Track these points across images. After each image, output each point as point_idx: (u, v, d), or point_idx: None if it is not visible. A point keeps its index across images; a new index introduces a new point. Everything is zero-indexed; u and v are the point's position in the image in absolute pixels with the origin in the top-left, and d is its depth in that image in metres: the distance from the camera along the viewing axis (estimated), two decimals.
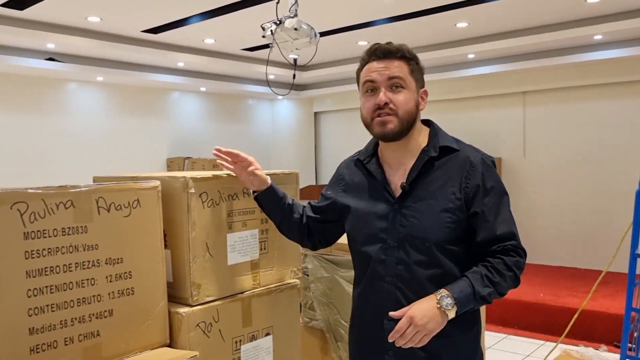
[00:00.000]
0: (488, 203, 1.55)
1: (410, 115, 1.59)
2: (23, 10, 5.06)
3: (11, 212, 1.26)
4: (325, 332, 2.59)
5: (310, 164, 9.92)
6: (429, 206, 1.56)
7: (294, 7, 3.61)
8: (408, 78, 1.60)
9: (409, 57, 1.61)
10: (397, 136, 1.60)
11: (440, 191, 1.57)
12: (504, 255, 1.54)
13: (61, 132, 7.12)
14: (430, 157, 1.60)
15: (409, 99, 1.59)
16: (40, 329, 1.30)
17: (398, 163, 1.65)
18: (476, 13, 5.48)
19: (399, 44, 1.62)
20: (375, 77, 1.59)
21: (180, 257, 1.62)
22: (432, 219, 1.55)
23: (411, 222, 1.57)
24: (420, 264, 1.55)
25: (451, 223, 1.54)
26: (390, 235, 1.59)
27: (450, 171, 1.59)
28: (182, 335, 1.57)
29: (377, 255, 1.60)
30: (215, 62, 7.19)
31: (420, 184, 1.59)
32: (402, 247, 1.57)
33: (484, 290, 1.49)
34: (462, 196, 1.55)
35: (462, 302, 1.48)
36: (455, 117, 7.85)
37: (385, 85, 1.58)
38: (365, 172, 1.71)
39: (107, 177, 1.73)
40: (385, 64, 1.59)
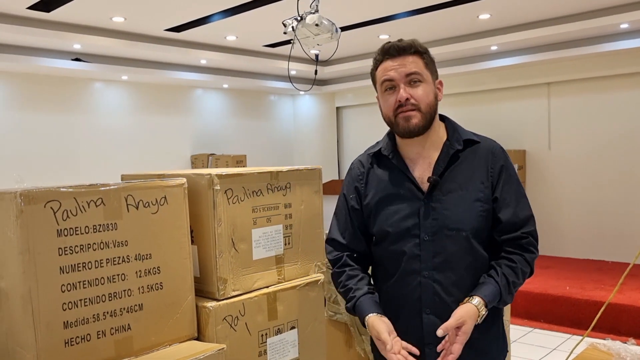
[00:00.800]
0: (509, 189, 1.62)
1: (431, 108, 1.63)
2: (50, 12, 5.17)
3: (45, 210, 1.30)
4: (349, 325, 2.62)
5: (332, 158, 9.94)
6: (460, 197, 1.61)
7: (315, 3, 3.63)
8: (424, 72, 1.63)
9: (421, 51, 1.65)
10: (422, 130, 1.63)
11: (469, 182, 1.62)
12: (525, 252, 1.61)
13: (87, 130, 7.26)
14: (455, 150, 1.64)
15: (428, 91, 1.63)
16: (74, 323, 1.35)
17: (420, 157, 1.67)
18: (498, 4, 5.42)
19: (409, 40, 1.66)
20: (393, 75, 1.62)
21: (207, 252, 1.66)
22: (466, 209, 1.60)
23: (444, 214, 1.60)
24: (457, 255, 1.59)
25: (483, 211, 1.60)
26: (423, 230, 1.62)
27: (475, 162, 1.64)
28: (210, 329, 1.60)
29: (411, 251, 1.63)
30: (237, 58, 7.25)
31: (447, 176, 1.63)
32: (438, 240, 1.60)
33: (507, 297, 1.58)
34: (489, 184, 1.62)
35: (489, 305, 1.56)
36: (479, 110, 7.79)
37: (404, 82, 1.61)
38: (388, 168, 1.73)
39: (135, 175, 1.78)
40: (401, 61, 1.62)
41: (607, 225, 6.85)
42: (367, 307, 1.68)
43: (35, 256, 1.28)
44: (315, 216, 1.93)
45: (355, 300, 1.72)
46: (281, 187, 1.82)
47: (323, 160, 9.47)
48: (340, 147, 10.16)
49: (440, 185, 1.62)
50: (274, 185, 1.79)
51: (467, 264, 1.60)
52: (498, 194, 1.61)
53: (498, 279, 1.56)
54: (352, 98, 9.68)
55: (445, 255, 1.60)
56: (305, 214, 1.89)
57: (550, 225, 6.96)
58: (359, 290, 1.73)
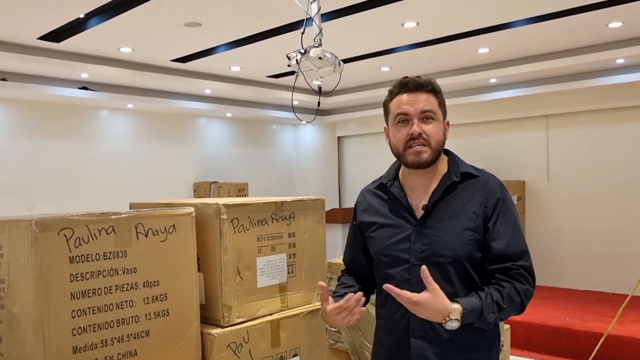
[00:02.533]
0: (504, 222, 1.65)
1: (440, 145, 1.71)
2: (59, 42, 5.29)
3: (58, 237, 1.35)
4: (350, 354, 2.64)
5: (333, 187, 9.99)
6: (451, 225, 1.66)
7: (318, 37, 3.72)
8: (437, 110, 1.70)
9: (436, 91, 1.71)
10: (430, 164, 1.70)
11: (461, 211, 1.67)
12: (516, 281, 1.61)
13: (93, 157, 7.34)
14: (452, 181, 1.70)
15: (439, 129, 1.70)
16: (83, 348, 1.38)
17: (421, 187, 1.74)
18: (497, 39, 5.55)
19: (427, 78, 1.72)
20: (408, 109, 1.68)
21: (213, 280, 1.69)
22: (454, 237, 1.64)
23: (434, 240, 1.66)
24: (445, 281, 1.63)
25: (473, 241, 1.64)
26: (413, 255, 1.67)
27: (471, 193, 1.69)
28: (214, 356, 1.63)
29: (402, 276, 1.68)
30: (240, 88, 7.37)
31: (441, 205, 1.69)
32: (426, 265, 1.61)
33: (490, 316, 1.57)
34: (481, 215, 1.65)
35: (465, 321, 1.55)
36: (478, 141, 7.88)
37: (417, 117, 1.68)
38: (386, 196, 1.80)
39: (144, 204, 1.83)
40: (416, 97, 1.69)
41: (606, 257, 6.86)
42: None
43: (48, 282, 1.32)
44: (319, 245, 1.98)
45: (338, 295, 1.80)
46: (285, 217, 1.87)
47: (324, 189, 9.52)
48: (342, 176, 10.23)
49: (434, 213, 1.68)
50: (279, 215, 1.84)
51: (453, 291, 1.62)
52: (491, 225, 1.64)
53: (482, 295, 1.58)
54: (354, 128, 9.78)
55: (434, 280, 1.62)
56: (308, 243, 1.94)
57: (549, 255, 6.98)
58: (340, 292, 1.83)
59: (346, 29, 5.11)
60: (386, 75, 7.20)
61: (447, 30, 5.32)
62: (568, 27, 5.17)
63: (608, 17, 4.91)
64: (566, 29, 5.26)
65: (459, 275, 1.64)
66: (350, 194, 10.05)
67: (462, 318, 1.53)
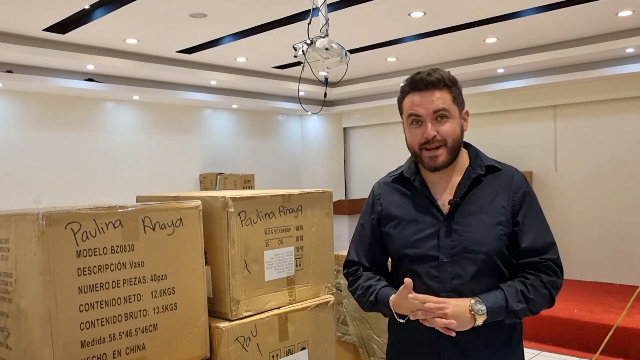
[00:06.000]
0: (530, 215, 1.63)
1: (457, 142, 1.66)
2: (65, 34, 5.27)
3: (66, 231, 1.34)
4: (358, 347, 2.63)
5: (339, 178, 9.98)
6: (480, 220, 1.62)
7: (324, 27, 3.69)
8: (451, 107, 1.64)
9: (450, 85, 1.65)
10: (447, 165, 1.66)
11: (489, 206, 1.63)
12: (542, 273, 1.59)
13: (99, 148, 7.35)
14: (478, 175, 1.66)
15: (454, 126, 1.65)
16: (91, 342, 1.37)
17: (443, 182, 1.70)
18: (505, 28, 5.49)
19: (439, 73, 1.65)
20: (420, 111, 1.64)
21: (220, 273, 1.68)
22: (485, 232, 1.60)
23: (464, 236, 1.62)
24: (475, 276, 1.60)
25: (503, 236, 1.61)
26: (443, 252, 1.63)
27: (497, 187, 1.65)
28: (222, 349, 1.62)
29: (430, 273, 1.64)
30: (246, 79, 7.34)
31: (468, 200, 1.65)
32: (457, 262, 1.61)
33: (517, 305, 1.54)
34: (510, 208, 1.62)
35: (494, 312, 1.53)
36: (486, 131, 7.83)
37: (430, 118, 1.63)
38: (408, 191, 1.75)
39: (150, 197, 1.82)
40: (428, 97, 1.63)
41: (614, 248, 6.83)
42: (389, 292, 1.69)
43: (55, 276, 1.31)
44: (326, 238, 1.96)
45: (376, 292, 1.72)
46: (293, 210, 1.85)
47: (330, 180, 9.51)
48: (347, 167, 10.20)
49: (461, 208, 1.64)
50: (286, 207, 1.83)
51: (484, 286, 1.59)
52: (520, 218, 1.61)
53: (505, 287, 1.57)
54: (360, 119, 9.75)
55: (463, 277, 1.60)
56: (316, 236, 1.92)
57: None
58: (378, 285, 1.74)
59: (353, 19, 5.08)
60: (393, 66, 7.16)
61: (454, 20, 5.28)
62: (577, 16, 5.12)
63: (618, 5, 4.84)
64: (575, 18, 5.20)
65: (491, 270, 1.61)
66: (356, 185, 10.03)
67: (486, 306, 1.52)
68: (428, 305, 1.53)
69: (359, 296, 1.81)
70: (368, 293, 1.75)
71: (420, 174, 1.75)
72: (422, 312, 1.54)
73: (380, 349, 2.51)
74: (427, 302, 1.54)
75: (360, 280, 1.80)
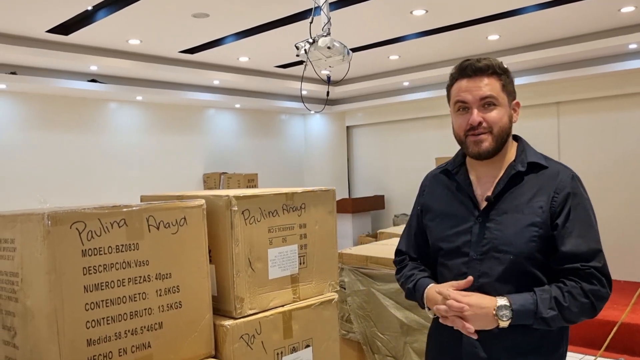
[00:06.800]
0: (575, 218, 1.54)
1: (504, 131, 1.60)
2: (68, 35, 5.29)
3: (71, 231, 1.34)
4: (362, 344, 2.64)
5: (343, 177, 9.98)
6: (514, 220, 1.56)
7: (326, 26, 3.70)
8: (500, 95, 1.59)
9: (499, 73, 1.60)
10: (492, 153, 1.61)
11: (526, 205, 1.56)
12: (583, 281, 1.51)
13: (103, 149, 7.37)
14: (517, 171, 1.60)
15: (502, 115, 1.59)
16: (97, 341, 1.38)
17: (486, 176, 1.66)
18: (507, 25, 5.49)
19: (489, 60, 1.61)
20: (467, 97, 1.60)
21: (224, 272, 1.69)
22: (517, 233, 1.54)
23: (495, 234, 1.57)
24: (502, 277, 1.55)
25: (537, 238, 1.53)
26: (473, 249, 1.60)
27: (538, 186, 1.58)
28: (227, 347, 1.63)
29: (459, 269, 1.62)
30: (249, 79, 7.35)
31: (506, 197, 1.60)
32: (485, 260, 1.58)
33: (547, 312, 1.47)
34: (548, 210, 1.54)
35: (519, 316, 1.48)
36: None
37: (477, 105, 1.59)
38: (451, 183, 1.73)
39: (154, 196, 1.83)
40: (476, 83, 1.59)
41: (618, 244, 6.82)
42: (427, 282, 1.70)
43: (61, 276, 1.32)
44: (330, 236, 1.97)
45: (415, 281, 1.74)
46: (296, 208, 1.86)
47: (333, 179, 9.52)
48: (351, 166, 10.21)
49: (498, 205, 1.59)
50: (290, 206, 1.84)
51: (510, 288, 1.54)
52: (560, 221, 1.53)
53: (538, 291, 1.49)
54: (362, 117, 9.75)
55: (490, 276, 1.56)
56: (319, 234, 1.93)
57: None
58: (419, 275, 1.76)
59: (354, 17, 5.08)
60: (395, 64, 7.16)
61: (457, 18, 5.27)
62: (579, 12, 5.11)
63: (620, 1, 4.83)
64: (577, 15, 5.19)
65: (519, 272, 1.54)
66: (360, 184, 10.04)
67: (512, 308, 1.47)
68: (449, 302, 1.52)
69: (402, 284, 1.83)
70: (408, 281, 1.77)
71: (465, 167, 1.71)
72: (444, 308, 1.54)
73: (385, 346, 2.52)
74: (450, 300, 1.53)
75: (405, 270, 1.83)
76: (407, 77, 7.47)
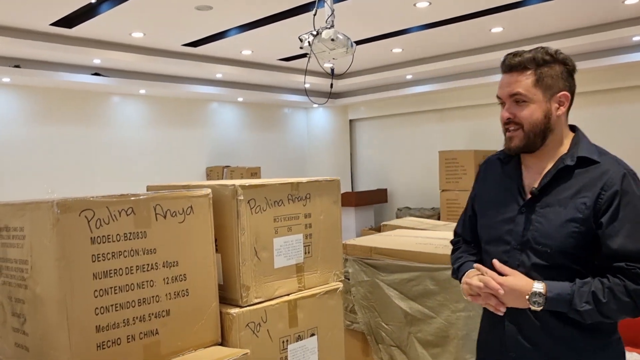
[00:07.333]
0: (623, 218, 1.50)
1: (536, 127, 1.59)
2: (71, 28, 5.30)
3: (80, 219, 1.36)
4: (366, 334, 2.66)
5: (346, 171, 9.99)
6: (555, 214, 1.56)
7: (330, 18, 3.70)
8: (531, 91, 1.58)
9: (533, 67, 1.59)
10: (522, 150, 1.63)
11: (570, 200, 1.55)
12: (629, 280, 1.47)
13: (106, 142, 7.40)
14: (565, 165, 1.59)
15: (534, 111, 1.58)
16: (106, 327, 1.40)
17: (537, 167, 1.66)
18: (511, 18, 5.48)
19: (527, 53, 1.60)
20: (500, 93, 1.64)
21: (230, 260, 1.71)
22: (557, 227, 1.55)
23: (536, 227, 1.58)
24: (538, 268, 1.57)
25: (577, 234, 1.52)
26: (514, 238, 1.63)
27: (586, 181, 1.55)
28: (233, 335, 1.65)
29: (500, 257, 1.64)
30: (252, 72, 7.36)
31: (551, 190, 1.59)
32: (524, 250, 1.60)
33: (582, 305, 1.47)
34: (593, 207, 1.52)
35: (553, 304, 1.49)
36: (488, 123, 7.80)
37: (509, 101, 1.61)
38: (503, 171, 1.75)
39: (161, 186, 1.84)
40: (508, 79, 1.61)
41: None
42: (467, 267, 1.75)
43: (70, 263, 1.33)
44: (334, 226, 1.99)
45: (461, 264, 1.80)
46: (301, 198, 1.87)
47: (336, 172, 9.53)
48: (354, 159, 10.21)
49: (543, 197, 1.60)
50: (295, 195, 1.85)
51: (547, 279, 1.54)
52: (605, 220, 1.50)
53: (579, 282, 1.49)
54: (365, 111, 9.75)
55: (527, 267, 1.58)
56: (324, 223, 1.94)
57: None
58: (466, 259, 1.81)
59: (358, 10, 5.07)
60: (398, 57, 7.15)
61: (460, 10, 5.26)
62: (582, 4, 5.10)
63: None
64: (580, 7, 5.18)
65: (555, 267, 1.55)
66: (363, 177, 10.04)
67: (546, 296, 1.49)
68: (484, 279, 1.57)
69: (452, 265, 1.87)
70: (457, 262, 1.83)
71: (519, 155, 1.71)
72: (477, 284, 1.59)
73: (389, 336, 2.54)
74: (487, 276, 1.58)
75: (457, 252, 1.88)
76: (410, 70, 7.46)
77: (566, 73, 1.64)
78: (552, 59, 1.61)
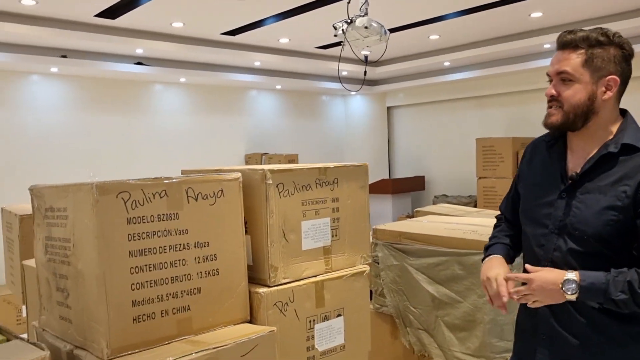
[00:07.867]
0: None
1: (578, 108, 1.56)
2: (115, 19, 5.46)
3: (117, 200, 1.45)
4: (395, 317, 2.70)
5: (383, 158, 9.99)
6: (595, 200, 1.54)
7: (364, 5, 3.72)
8: (578, 71, 1.55)
9: (586, 47, 1.55)
10: (559, 128, 1.61)
11: (611, 187, 1.53)
12: None
13: (148, 129, 7.60)
14: (608, 152, 1.56)
15: (577, 91, 1.56)
16: (141, 302, 1.49)
17: (581, 151, 1.63)
18: (551, 2, 5.36)
19: (582, 32, 1.57)
20: (549, 69, 1.63)
21: (259, 242, 1.78)
22: (595, 214, 1.53)
23: (574, 212, 1.57)
24: (574, 254, 1.56)
25: (614, 222, 1.50)
26: (552, 222, 1.62)
27: (628, 169, 1.52)
28: (261, 313, 1.72)
29: (538, 240, 1.66)
30: (289, 60, 7.41)
31: (592, 176, 1.57)
32: (561, 235, 1.60)
33: (617, 294, 1.44)
34: (633, 196, 1.49)
35: (586, 293, 1.47)
36: (530, 109, 7.67)
37: (556, 79, 1.60)
38: (548, 153, 1.74)
39: (194, 170, 1.93)
40: (559, 56, 1.60)
41: None
42: (497, 250, 1.80)
43: (109, 241, 1.43)
44: (361, 210, 2.03)
45: (492, 244, 1.85)
46: (329, 182, 1.93)
47: (374, 160, 9.53)
48: (391, 147, 10.19)
49: (584, 183, 1.58)
50: (322, 180, 1.91)
51: (582, 264, 1.54)
52: None
53: (614, 272, 1.46)
54: (403, 98, 9.69)
55: (563, 252, 1.58)
56: (351, 208, 1.99)
57: None
58: (498, 240, 1.85)
59: None
60: (435, 44, 7.09)
61: None
62: None
63: None
64: None
65: (591, 253, 1.54)
66: (400, 165, 10.02)
67: (580, 284, 1.46)
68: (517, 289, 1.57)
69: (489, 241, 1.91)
70: (490, 241, 1.87)
71: (565, 138, 1.69)
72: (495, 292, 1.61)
73: (417, 320, 2.58)
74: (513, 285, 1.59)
75: (495, 230, 1.92)
76: (447, 57, 7.38)
77: (620, 57, 1.56)
78: (607, 41, 1.55)
